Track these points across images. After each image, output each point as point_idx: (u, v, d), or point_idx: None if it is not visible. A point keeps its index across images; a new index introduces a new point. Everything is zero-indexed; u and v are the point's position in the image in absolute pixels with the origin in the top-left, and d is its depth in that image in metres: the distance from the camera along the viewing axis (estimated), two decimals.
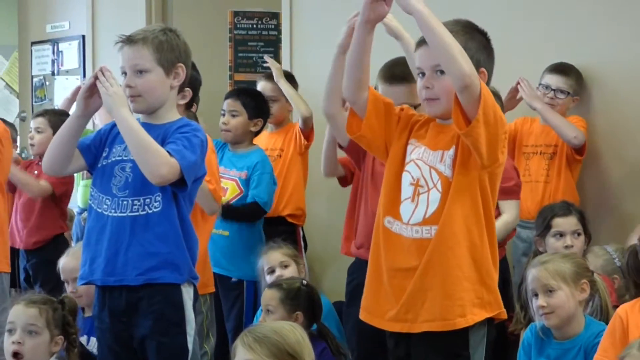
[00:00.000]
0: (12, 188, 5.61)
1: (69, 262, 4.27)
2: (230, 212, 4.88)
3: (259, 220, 5.04)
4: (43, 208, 5.61)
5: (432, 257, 2.98)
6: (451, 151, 3.01)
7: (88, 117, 3.43)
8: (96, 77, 3.30)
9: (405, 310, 3.02)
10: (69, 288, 4.23)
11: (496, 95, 4.42)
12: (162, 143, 3.27)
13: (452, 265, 2.97)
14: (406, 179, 3.07)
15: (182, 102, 4.22)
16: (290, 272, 4.69)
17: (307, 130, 5.37)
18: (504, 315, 3.09)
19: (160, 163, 3.19)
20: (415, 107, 3.80)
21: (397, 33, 3.44)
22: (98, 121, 5.26)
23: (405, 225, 3.04)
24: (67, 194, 5.76)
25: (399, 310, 3.03)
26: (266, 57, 5.68)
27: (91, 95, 3.34)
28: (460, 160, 2.99)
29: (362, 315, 3.16)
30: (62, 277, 4.31)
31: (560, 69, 4.84)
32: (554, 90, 4.82)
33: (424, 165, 3.05)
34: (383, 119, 3.12)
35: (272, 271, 4.71)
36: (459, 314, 2.97)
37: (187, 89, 4.18)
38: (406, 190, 3.06)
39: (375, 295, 3.12)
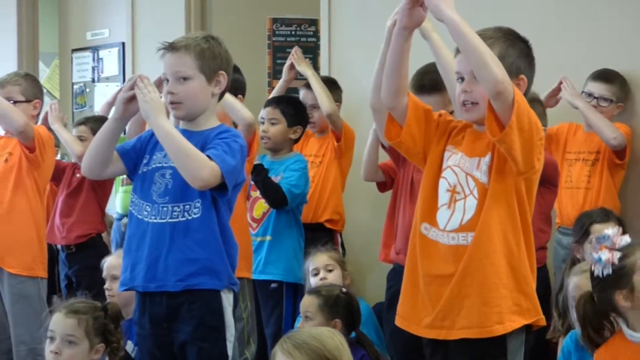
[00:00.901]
0: (53, 191, 5.67)
1: (112, 260, 4.34)
2: (262, 175, 4.81)
3: (299, 224, 5.04)
4: (84, 204, 5.65)
5: (469, 264, 2.97)
6: (487, 158, 3.00)
7: (125, 120, 3.46)
8: (134, 83, 3.33)
9: (442, 317, 3.01)
10: (106, 284, 4.28)
11: (537, 100, 4.40)
12: (202, 149, 3.28)
13: (489, 272, 2.96)
14: (443, 185, 3.07)
15: None
16: (334, 276, 4.70)
17: (337, 131, 5.34)
18: (543, 322, 3.06)
19: (200, 166, 3.21)
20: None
21: (425, 33, 3.43)
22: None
23: (442, 232, 3.03)
24: (106, 191, 5.80)
25: (436, 317, 3.02)
26: (295, 50, 5.63)
27: (130, 100, 3.36)
28: (496, 167, 2.98)
29: (398, 322, 3.15)
30: (103, 274, 4.36)
31: (604, 76, 4.78)
32: (596, 98, 4.77)
33: (460, 171, 3.04)
34: (423, 126, 3.11)
35: (316, 273, 4.72)
36: (496, 320, 2.95)
37: (240, 96, 4.22)
38: (443, 196, 3.05)
39: (412, 301, 3.10)
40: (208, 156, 3.24)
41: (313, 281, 4.70)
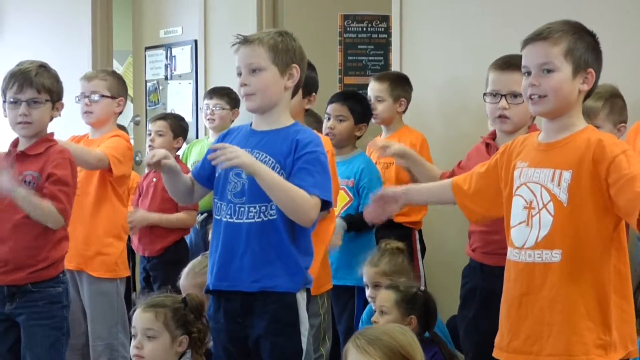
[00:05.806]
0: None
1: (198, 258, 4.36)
2: (355, 224, 4.81)
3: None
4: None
5: (558, 291, 2.87)
6: (567, 175, 2.88)
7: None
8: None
9: (531, 343, 2.92)
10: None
11: (617, 95, 4.31)
12: (284, 149, 3.27)
13: (578, 302, 2.86)
14: (518, 203, 2.98)
15: (309, 106, 4.25)
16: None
17: None
18: (634, 355, 2.96)
19: (309, 209, 3.25)
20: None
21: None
22: None
23: (518, 250, 2.95)
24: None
25: (525, 342, 2.93)
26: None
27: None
28: (581, 186, 2.86)
29: (495, 353, 3.05)
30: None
31: None
32: None
33: (534, 185, 2.94)
34: (491, 187, 3.12)
35: (366, 286, 4.63)
36: (582, 352, 2.86)
37: (314, 94, 4.22)
38: (519, 214, 2.96)
39: (502, 328, 3.03)
40: (313, 193, 3.25)
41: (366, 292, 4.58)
